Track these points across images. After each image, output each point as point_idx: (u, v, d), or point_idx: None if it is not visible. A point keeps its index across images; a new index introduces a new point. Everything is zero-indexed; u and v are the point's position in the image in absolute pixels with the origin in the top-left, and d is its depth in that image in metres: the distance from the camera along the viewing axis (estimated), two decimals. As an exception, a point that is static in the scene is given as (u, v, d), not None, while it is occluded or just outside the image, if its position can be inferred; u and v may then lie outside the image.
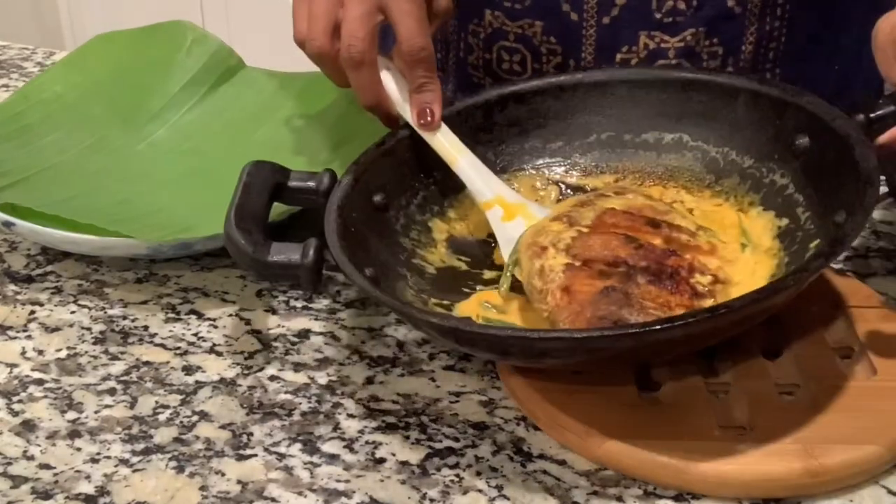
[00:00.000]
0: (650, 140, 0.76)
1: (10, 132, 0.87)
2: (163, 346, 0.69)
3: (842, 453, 0.57)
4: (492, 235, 0.72)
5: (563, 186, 0.76)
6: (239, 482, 0.59)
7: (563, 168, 0.77)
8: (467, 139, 0.73)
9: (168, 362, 0.68)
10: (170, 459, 0.60)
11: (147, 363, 0.68)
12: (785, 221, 0.68)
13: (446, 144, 0.72)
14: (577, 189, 0.76)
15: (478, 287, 0.70)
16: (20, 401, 0.65)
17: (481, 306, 0.68)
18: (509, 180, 0.75)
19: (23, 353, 0.69)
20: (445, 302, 0.68)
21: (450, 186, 0.74)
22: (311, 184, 0.70)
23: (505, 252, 0.69)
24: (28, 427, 0.63)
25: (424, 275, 0.70)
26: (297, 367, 0.67)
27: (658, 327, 0.55)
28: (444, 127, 0.73)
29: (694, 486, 0.57)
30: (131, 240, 0.72)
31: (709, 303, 0.61)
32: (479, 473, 0.59)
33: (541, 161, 0.77)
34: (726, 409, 0.60)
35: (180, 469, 0.60)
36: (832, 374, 0.62)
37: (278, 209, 0.71)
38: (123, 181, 0.83)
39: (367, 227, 0.69)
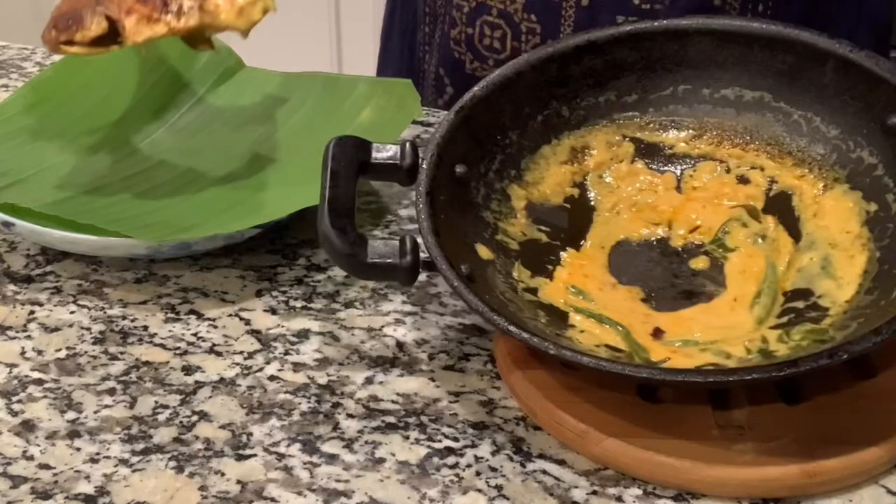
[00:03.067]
0: (730, 96, 0.73)
1: (10, 132, 0.87)
2: (162, 346, 0.69)
3: (839, 454, 0.57)
4: (568, 199, 0.72)
5: (638, 142, 0.74)
6: (238, 482, 0.59)
7: (638, 122, 0.74)
8: (542, 93, 0.73)
9: (168, 362, 0.68)
10: (169, 459, 0.61)
11: (147, 363, 0.68)
12: (874, 207, 0.65)
13: None
14: (652, 145, 0.74)
15: (562, 258, 0.70)
16: (20, 401, 0.65)
17: (567, 291, 0.67)
18: (584, 136, 0.74)
19: (22, 353, 0.69)
20: (533, 285, 0.68)
21: (525, 147, 0.73)
22: (394, 161, 0.69)
23: None
24: (27, 427, 0.63)
25: (510, 254, 0.69)
26: (297, 367, 0.67)
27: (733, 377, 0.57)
28: None
29: (692, 486, 0.57)
30: (131, 240, 0.72)
31: (169, 19, 0.63)
32: (478, 473, 0.59)
33: (616, 115, 0.74)
34: (725, 409, 0.60)
35: (180, 469, 0.60)
36: (832, 375, 0.62)
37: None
38: (123, 181, 0.83)
39: (453, 208, 0.68)
